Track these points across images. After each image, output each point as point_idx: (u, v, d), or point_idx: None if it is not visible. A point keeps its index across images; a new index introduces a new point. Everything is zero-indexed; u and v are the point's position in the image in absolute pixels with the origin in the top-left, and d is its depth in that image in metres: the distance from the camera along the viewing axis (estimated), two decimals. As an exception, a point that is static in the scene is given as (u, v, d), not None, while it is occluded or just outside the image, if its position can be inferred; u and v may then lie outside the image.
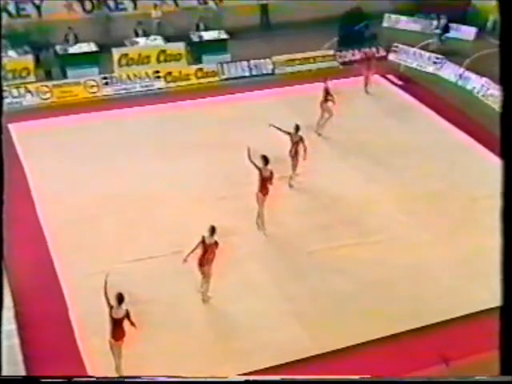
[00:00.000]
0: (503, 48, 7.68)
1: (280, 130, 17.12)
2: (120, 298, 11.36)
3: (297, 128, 17.17)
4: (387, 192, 17.62)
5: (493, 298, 10.97)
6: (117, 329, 11.48)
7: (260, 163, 15.39)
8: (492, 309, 11.88)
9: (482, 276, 14.11)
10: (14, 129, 19.33)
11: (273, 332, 13.09)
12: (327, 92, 19.96)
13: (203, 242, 13.23)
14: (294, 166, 17.50)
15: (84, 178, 17.79)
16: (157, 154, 18.89)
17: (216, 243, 13.28)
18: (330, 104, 19.90)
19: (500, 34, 7.81)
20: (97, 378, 9.38)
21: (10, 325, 12.11)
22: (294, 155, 17.31)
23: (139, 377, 7.49)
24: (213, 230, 13.21)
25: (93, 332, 12.65)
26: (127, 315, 11.43)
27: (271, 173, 15.50)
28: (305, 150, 17.06)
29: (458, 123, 21.05)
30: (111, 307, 11.38)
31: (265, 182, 15.47)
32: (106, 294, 11.50)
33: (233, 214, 15.98)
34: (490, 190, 12.95)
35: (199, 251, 13.29)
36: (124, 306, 11.44)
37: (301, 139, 17.13)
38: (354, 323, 13.33)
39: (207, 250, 13.26)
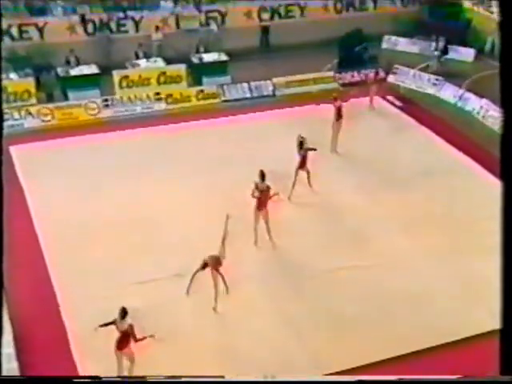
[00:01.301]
0: (503, 70, 7.74)
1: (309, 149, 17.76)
2: (123, 313, 11.75)
3: (301, 144, 17.74)
4: (387, 214, 17.59)
5: (493, 320, 10.96)
6: (120, 339, 11.84)
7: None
8: (492, 331, 11.85)
9: (483, 298, 14.06)
10: (15, 151, 19.40)
11: (273, 353, 13.02)
12: (339, 111, 20.19)
13: (205, 264, 13.59)
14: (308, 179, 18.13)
15: (84, 200, 17.78)
16: (158, 175, 18.90)
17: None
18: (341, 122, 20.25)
19: (500, 56, 7.88)
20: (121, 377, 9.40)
21: (8, 348, 12.07)
22: (301, 168, 17.90)
23: (144, 377, 7.53)
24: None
25: (92, 356, 12.59)
26: (130, 329, 11.75)
27: (268, 187, 15.75)
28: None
29: (457, 144, 21.08)
30: (115, 322, 11.80)
31: (260, 197, 15.65)
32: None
33: (234, 234, 15.92)
34: (489, 211, 12.98)
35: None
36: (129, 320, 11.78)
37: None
38: (354, 345, 13.26)
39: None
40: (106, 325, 11.80)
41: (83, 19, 26.21)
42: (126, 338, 11.84)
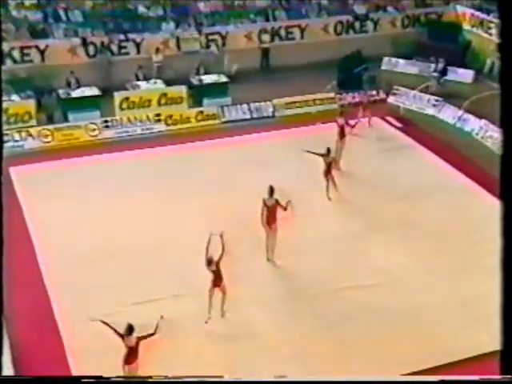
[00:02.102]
0: (503, 91, 7.76)
1: (313, 153, 18.59)
2: (130, 329, 12.04)
3: (328, 151, 18.83)
4: (387, 234, 17.57)
5: (493, 341, 10.89)
6: (127, 354, 12.11)
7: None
8: (492, 352, 11.78)
9: (482, 319, 14.00)
10: (15, 172, 19.41)
11: (272, 372, 12.90)
12: (342, 130, 20.63)
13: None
14: (328, 186, 19.03)
15: (84, 221, 17.78)
16: (157, 196, 18.90)
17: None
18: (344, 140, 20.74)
19: (499, 77, 7.90)
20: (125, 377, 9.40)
21: (8, 370, 11.98)
22: (327, 175, 18.93)
23: (150, 377, 7.51)
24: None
25: (91, 373, 12.47)
26: (139, 339, 12.08)
27: (277, 201, 15.96)
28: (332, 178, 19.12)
29: (457, 164, 21.11)
30: (122, 336, 12.05)
31: (269, 212, 15.80)
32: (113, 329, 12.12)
33: (234, 256, 15.89)
34: (489, 232, 12.93)
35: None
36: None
37: (334, 160, 19.22)
38: (354, 366, 13.16)
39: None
40: (114, 330, 12.06)
41: (84, 41, 26.37)
42: (133, 353, 12.10)
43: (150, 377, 7.70)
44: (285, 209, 15.92)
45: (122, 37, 26.96)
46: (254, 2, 29.87)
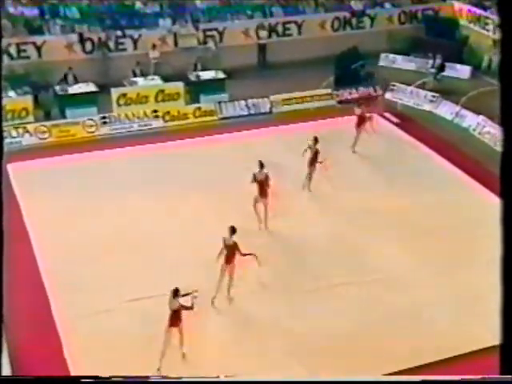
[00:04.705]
0: (503, 89, 7.75)
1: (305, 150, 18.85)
2: (176, 292, 12.67)
3: (315, 139, 18.82)
4: (385, 230, 17.58)
5: (491, 336, 10.91)
6: (172, 317, 12.75)
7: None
8: (490, 347, 11.82)
9: (481, 315, 14.04)
10: (12, 169, 19.38)
11: (272, 371, 12.92)
12: (360, 119, 21.26)
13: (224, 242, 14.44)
14: (311, 174, 19.10)
15: (81, 217, 17.77)
16: (155, 193, 18.89)
17: (235, 243, 14.49)
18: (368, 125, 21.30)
19: (499, 75, 7.89)
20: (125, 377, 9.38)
21: (5, 369, 11.96)
22: (311, 164, 18.96)
23: (148, 377, 7.50)
24: (233, 231, 14.48)
25: (89, 372, 12.48)
26: (182, 307, 12.68)
27: (266, 176, 16.98)
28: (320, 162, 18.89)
29: (454, 160, 21.13)
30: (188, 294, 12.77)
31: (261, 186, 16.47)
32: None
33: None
34: (486, 226, 12.96)
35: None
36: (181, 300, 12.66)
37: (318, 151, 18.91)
38: (352, 362, 13.17)
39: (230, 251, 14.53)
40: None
41: (81, 38, 26.30)
42: (177, 316, 12.70)
43: (148, 377, 7.66)
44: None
45: (119, 33, 26.85)
46: (251, -2, 29.87)
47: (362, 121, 21.41)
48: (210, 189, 19.00)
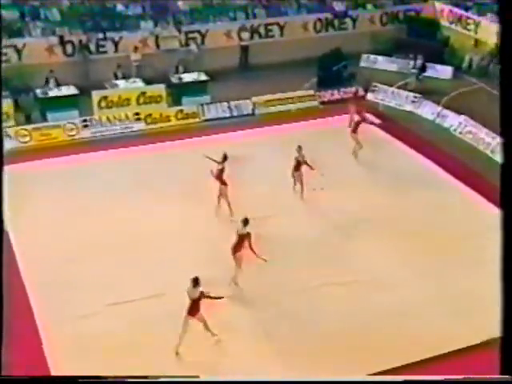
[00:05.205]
0: (503, 98, 7.74)
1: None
2: (195, 281, 12.80)
3: (299, 148, 18.62)
4: (372, 231, 17.59)
5: (475, 335, 10.95)
6: (191, 306, 12.93)
7: None
8: (475, 345, 11.83)
9: (466, 314, 13.98)
10: (-7, 173, 19.17)
11: (258, 373, 12.87)
12: (358, 123, 21.26)
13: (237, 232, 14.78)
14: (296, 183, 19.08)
15: (64, 221, 17.64)
16: (138, 196, 18.78)
17: (248, 234, 14.68)
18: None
19: (500, 82, 7.88)
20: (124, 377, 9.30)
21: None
22: (297, 173, 18.87)
23: (146, 377, 7.46)
24: (246, 222, 14.67)
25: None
26: (203, 295, 12.84)
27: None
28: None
29: (437, 161, 21.16)
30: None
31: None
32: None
33: (216, 254, 15.83)
34: (470, 226, 13.04)
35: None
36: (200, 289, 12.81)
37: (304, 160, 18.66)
38: (339, 362, 13.15)
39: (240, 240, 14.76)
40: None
41: (62, 40, 26.13)
42: (196, 305, 12.89)
43: (146, 376, 7.63)
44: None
45: (100, 35, 26.73)
46: (234, 0, 29.79)
47: (358, 125, 21.36)
48: (194, 191, 18.89)
